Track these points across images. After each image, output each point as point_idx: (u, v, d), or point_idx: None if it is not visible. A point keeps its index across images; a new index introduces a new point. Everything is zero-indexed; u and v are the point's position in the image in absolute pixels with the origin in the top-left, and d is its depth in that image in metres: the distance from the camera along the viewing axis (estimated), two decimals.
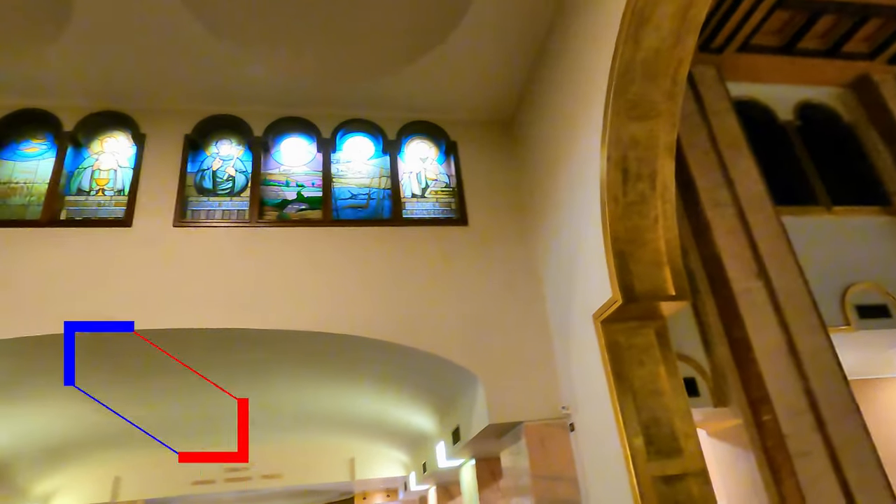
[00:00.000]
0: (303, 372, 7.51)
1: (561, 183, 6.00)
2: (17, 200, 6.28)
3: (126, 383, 7.29)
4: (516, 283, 6.60)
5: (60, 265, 5.80)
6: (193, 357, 6.62)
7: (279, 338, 6.09)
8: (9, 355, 5.77)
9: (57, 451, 9.42)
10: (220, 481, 11.76)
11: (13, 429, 7.91)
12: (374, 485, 13.61)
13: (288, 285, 6.08)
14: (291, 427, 10.56)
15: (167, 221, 6.24)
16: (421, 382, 7.31)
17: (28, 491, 10.15)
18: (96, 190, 6.50)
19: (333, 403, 8.88)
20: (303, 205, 6.81)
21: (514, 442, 6.21)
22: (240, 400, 8.41)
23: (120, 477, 11.49)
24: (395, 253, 6.52)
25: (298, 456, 12.05)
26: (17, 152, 6.61)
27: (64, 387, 7.05)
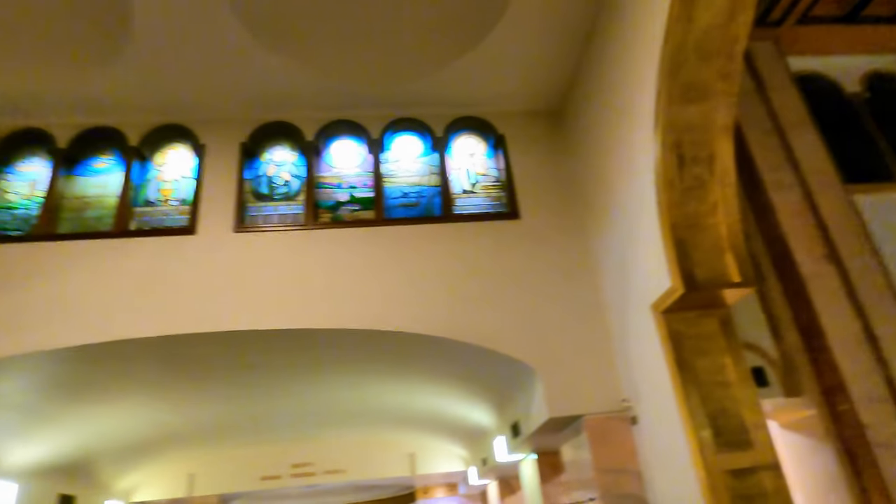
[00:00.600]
0: (362, 369, 7.66)
1: (614, 171, 5.88)
2: (91, 213, 6.66)
3: (196, 384, 7.62)
4: (571, 274, 6.52)
5: (132, 273, 6.12)
6: (257, 357, 6.86)
7: (337, 336, 6.23)
8: (89, 359, 6.13)
9: (135, 449, 9.96)
10: (286, 476, 12.13)
11: (95, 429, 8.41)
12: (434, 479, 13.74)
13: (344, 285, 6.21)
14: (353, 423, 10.78)
15: (228, 228, 6.48)
16: (478, 377, 7.33)
17: (111, 487, 10.77)
18: (162, 200, 6.82)
19: (393, 399, 9.02)
20: (356, 206, 6.94)
21: (575, 436, 6.14)
22: (302, 397, 8.66)
23: (194, 473, 12.03)
24: (448, 249, 6.56)
25: (360, 451, 12.30)
26: (89, 168, 7.00)
27: (139, 388, 7.45)
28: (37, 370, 6.15)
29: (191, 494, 11.98)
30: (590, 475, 5.75)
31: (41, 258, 6.15)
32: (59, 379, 6.52)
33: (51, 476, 8.89)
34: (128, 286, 6.04)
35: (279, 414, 9.56)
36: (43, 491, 8.77)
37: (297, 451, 12.09)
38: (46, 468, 8.63)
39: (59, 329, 5.76)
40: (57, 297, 5.91)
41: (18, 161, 6.96)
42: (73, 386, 6.82)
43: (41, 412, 7.21)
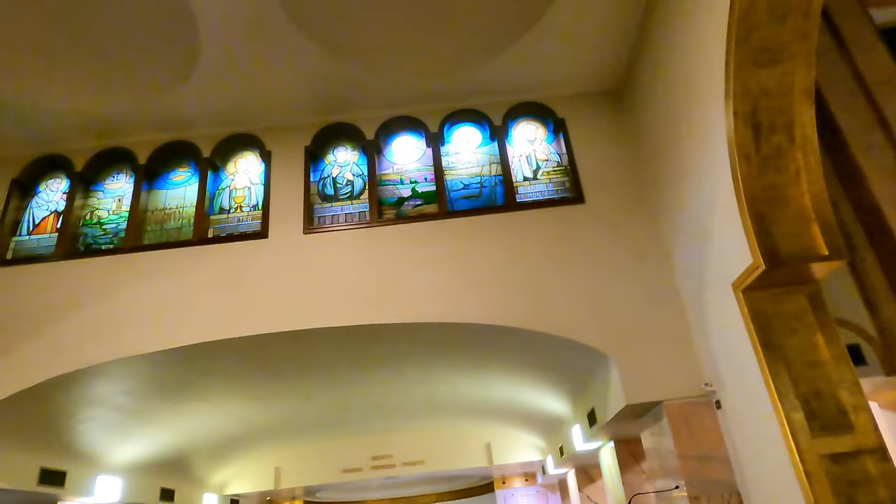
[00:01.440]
0: (435, 362, 7.74)
1: (684, 147, 5.63)
2: (172, 224, 7.05)
3: (277, 382, 7.94)
4: (642, 257, 6.31)
5: (212, 278, 6.43)
6: (333, 354, 7.06)
7: (409, 331, 6.31)
8: (179, 362, 6.51)
9: (226, 445, 10.51)
10: (367, 469, 12.47)
11: (189, 427, 8.94)
12: (511, 469, 13.73)
13: (413, 279, 6.27)
14: (430, 415, 10.93)
15: (297, 230, 6.69)
16: (552, 366, 7.24)
17: (206, 481, 11.43)
18: (235, 207, 7.13)
19: (468, 391, 9.06)
20: (418, 200, 7.00)
21: (655, 422, 5.96)
22: (380, 392, 8.85)
23: (280, 467, 12.57)
24: (513, 238, 6.50)
25: (438, 443, 12.46)
26: (168, 182, 7.41)
27: (227, 387, 7.84)
28: (134, 373, 6.59)
29: (278, 487, 12.54)
30: (673, 463, 5.56)
31: (131, 269, 6.57)
32: (155, 381, 6.96)
33: (152, 471, 9.53)
34: (209, 291, 6.35)
35: (358, 408, 9.82)
36: (146, 485, 9.42)
37: (377, 444, 12.39)
38: (148, 464, 9.26)
39: (149, 334, 6.14)
40: (146, 305, 6.30)
41: (106, 179, 7.45)
42: (167, 387, 7.27)
43: (140, 412, 7.73)
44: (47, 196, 7.38)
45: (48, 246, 6.94)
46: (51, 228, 7.11)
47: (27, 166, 7.34)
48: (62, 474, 7.45)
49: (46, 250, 6.89)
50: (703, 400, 5.59)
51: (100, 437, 7.83)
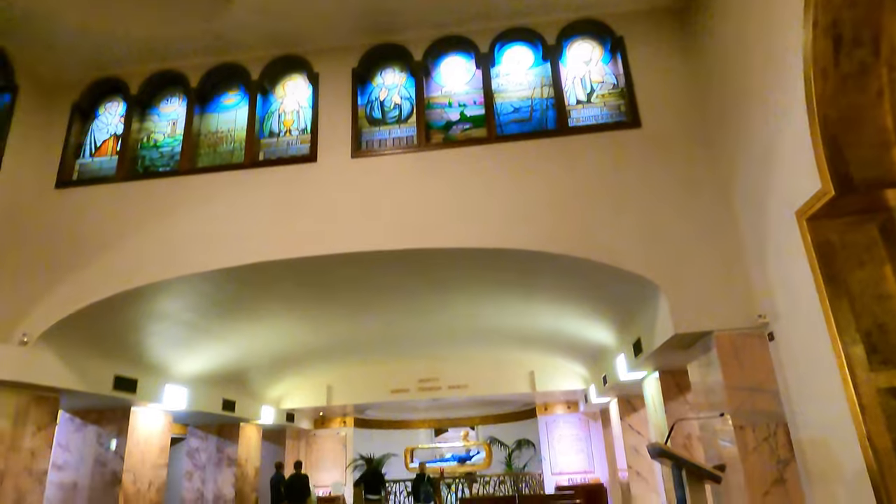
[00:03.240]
0: (482, 289, 7.80)
1: (753, 65, 5.23)
2: (225, 148, 7.17)
3: (328, 304, 8.21)
4: (699, 183, 6.04)
5: (263, 200, 6.57)
6: (382, 278, 7.19)
7: (456, 256, 6.34)
8: (236, 281, 6.78)
9: (282, 362, 11.09)
10: (414, 390, 13.00)
11: (247, 343, 9.43)
12: (554, 397, 14.03)
13: (460, 205, 6.23)
14: (475, 342, 11.17)
15: (345, 153, 6.69)
16: (598, 294, 7.19)
17: (263, 395, 12.18)
18: (284, 131, 7.16)
19: (514, 318, 9.16)
20: (467, 124, 6.84)
21: (703, 353, 5.89)
22: (427, 317, 9.05)
23: (332, 385, 13.24)
24: (564, 163, 6.31)
25: (482, 368, 12.80)
26: (219, 105, 7.47)
27: (282, 308, 8.16)
28: (195, 291, 6.92)
29: (330, 404, 13.26)
30: (720, 393, 5.52)
31: (186, 191, 6.77)
32: (214, 299, 7.30)
33: (215, 383, 10.20)
34: (261, 213, 6.50)
35: (406, 332, 10.10)
36: (209, 395, 10.11)
37: (424, 368, 12.83)
38: (211, 376, 9.89)
39: (207, 253, 6.39)
40: (203, 225, 6.52)
41: (160, 103, 7.58)
42: (226, 305, 7.63)
43: (203, 328, 8.18)
44: (106, 119, 7.58)
45: (110, 168, 7.20)
46: (111, 151, 7.35)
47: (86, 90, 7.53)
48: (134, 382, 8.06)
49: (108, 172, 7.16)
50: (756, 332, 5.46)
51: (167, 350, 8.37)
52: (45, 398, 6.91)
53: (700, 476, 4.27)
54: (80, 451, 8.35)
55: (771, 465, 5.12)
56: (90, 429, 8.45)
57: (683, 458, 4.29)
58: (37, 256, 6.66)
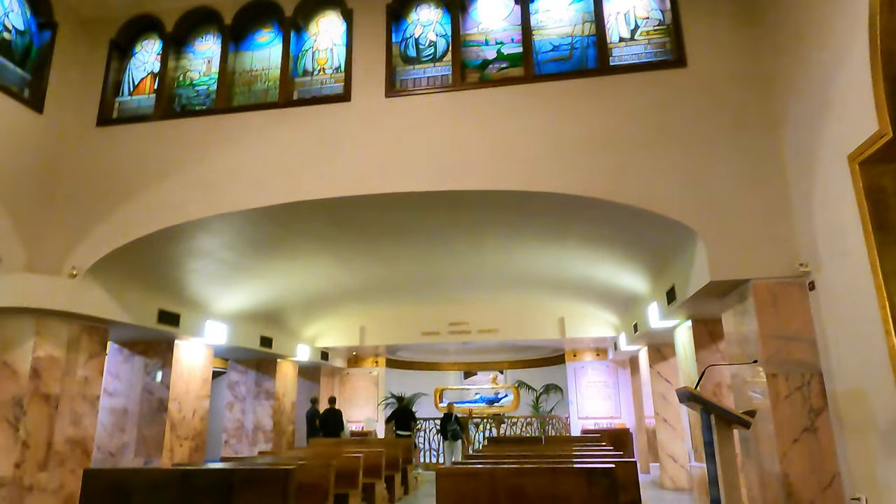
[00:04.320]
0: (514, 233, 7.77)
1: (810, 2, 4.90)
2: (259, 87, 7.15)
3: (361, 245, 8.30)
4: (745, 127, 5.79)
5: (297, 140, 6.58)
6: (414, 220, 7.21)
7: (489, 198, 6.28)
8: (272, 220, 6.89)
9: (317, 302, 11.38)
10: (444, 333, 13.24)
11: (284, 282, 9.68)
12: (583, 344, 14.13)
13: (494, 146, 6.13)
14: (506, 287, 11.23)
15: (379, 93, 6.60)
16: (633, 241, 7.08)
17: (300, 333, 12.58)
18: (318, 69, 7.08)
19: (546, 264, 9.13)
20: (503, 63, 6.64)
21: (739, 301, 5.80)
22: (459, 261, 9.10)
23: (364, 326, 13.58)
24: (603, 105, 6.12)
25: (512, 313, 12.92)
26: (253, 43, 7.41)
27: (317, 247, 8.30)
28: (232, 229, 7.07)
29: (362, 344, 13.64)
30: (754, 342, 5.46)
31: (222, 130, 6.82)
32: (251, 237, 7.46)
33: (253, 320, 10.56)
34: (296, 152, 6.53)
35: (438, 276, 10.20)
36: (247, 332, 10.49)
37: (454, 311, 13.02)
38: (249, 314, 10.23)
39: (241, 193, 6.48)
40: (239, 164, 6.60)
41: (195, 40, 7.55)
42: (262, 243, 7.79)
43: (240, 266, 8.41)
44: (143, 57, 7.61)
45: (148, 106, 7.28)
46: (149, 90, 7.41)
47: (123, 27, 7.54)
48: (177, 316, 8.40)
49: (147, 111, 7.25)
50: (796, 280, 5.33)
51: (207, 287, 8.66)
52: (94, 328, 7.27)
53: (729, 421, 4.28)
54: (129, 380, 8.83)
55: (802, 414, 5.09)
56: (137, 359, 8.90)
57: (713, 402, 4.30)
58: (82, 193, 6.87)
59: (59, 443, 6.68)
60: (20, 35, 6.85)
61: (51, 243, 6.70)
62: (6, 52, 6.64)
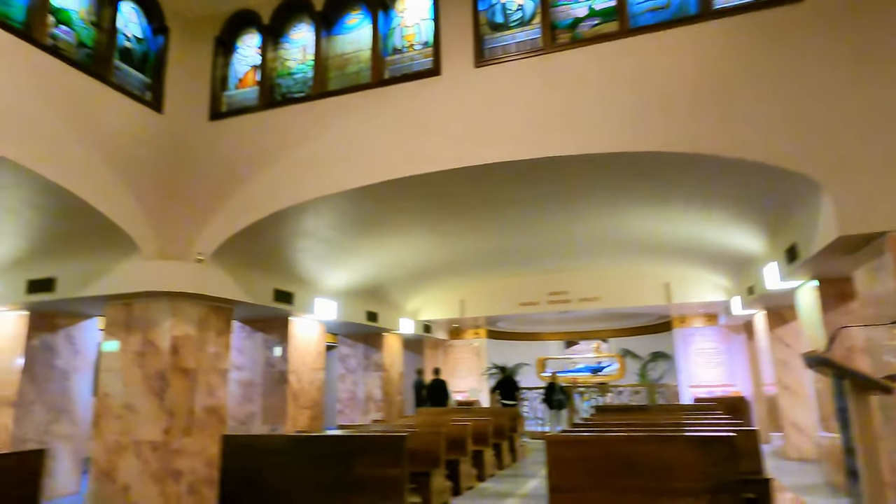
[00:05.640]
0: (613, 198, 7.50)
1: None
2: (352, 69, 7.34)
3: (458, 219, 8.38)
4: (872, 62, 5.16)
5: (391, 118, 6.71)
6: (511, 191, 7.15)
7: (587, 163, 6.09)
8: (371, 199, 7.10)
9: (417, 277, 11.68)
10: (543, 303, 13.14)
11: (385, 259, 10.02)
12: (691, 309, 13.49)
13: (591, 108, 5.91)
14: (607, 253, 10.93)
15: (469, 64, 6.56)
16: (744, 198, 6.61)
17: (402, 307, 13.00)
18: (407, 46, 7.14)
19: (649, 228, 8.76)
20: (595, 20, 6.35)
21: (873, 257, 5.26)
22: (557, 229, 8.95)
23: (464, 299, 13.78)
24: (707, 53, 5.70)
25: (614, 281, 12.56)
26: (343, 26, 7.59)
27: (415, 224, 8.50)
28: (334, 209, 7.38)
29: (463, 316, 13.87)
30: (893, 301, 4.94)
31: (320, 114, 7.09)
32: (351, 216, 7.76)
33: (359, 296, 11.04)
34: (389, 131, 6.66)
35: (536, 246, 10.11)
36: (354, 307, 10.99)
37: (554, 281, 12.87)
38: (355, 290, 10.71)
39: (340, 174, 6.73)
40: (337, 146, 6.84)
41: (290, 30, 7.86)
42: (362, 222, 8.08)
43: (343, 245, 8.79)
44: (245, 52, 8.04)
45: (252, 98, 7.71)
46: (252, 82, 7.83)
47: (225, 25, 7.98)
48: (290, 295, 8.96)
49: (251, 102, 7.68)
50: None
51: (315, 266, 9.14)
52: (220, 308, 7.92)
53: (867, 387, 3.93)
54: (252, 355, 9.58)
55: None
56: (258, 335, 9.62)
57: (848, 367, 3.96)
58: (200, 184, 7.44)
59: (198, 411, 7.40)
60: (139, 42, 7.46)
61: (177, 232, 7.33)
62: (128, 60, 7.26)
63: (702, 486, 4.55)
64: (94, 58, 6.78)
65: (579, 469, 4.96)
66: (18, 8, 5.99)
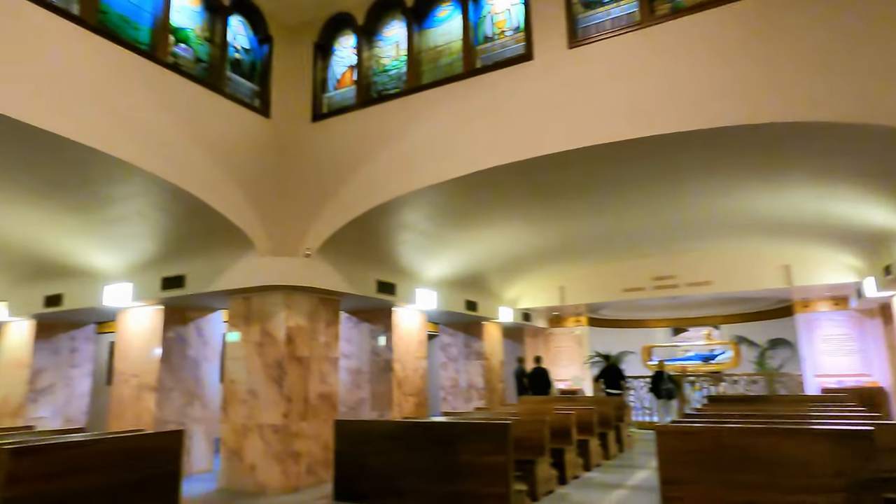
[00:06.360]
0: (724, 176, 7.05)
1: None
2: (444, 61, 7.41)
3: (556, 205, 8.23)
4: None
5: (483, 107, 6.70)
6: (611, 173, 6.93)
7: (695, 139, 5.75)
8: (465, 190, 7.15)
9: (515, 266, 11.64)
10: (649, 288, 12.61)
11: (482, 249, 10.06)
12: (816, 292, 12.36)
13: (695, 81, 5.57)
14: (719, 235, 10.30)
15: (562, 45, 6.40)
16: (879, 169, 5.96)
17: (501, 296, 13.01)
18: (498, 34, 7.09)
19: (765, 206, 8.13)
20: None
21: None
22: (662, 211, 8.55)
23: (564, 286, 13.54)
24: (829, 9, 5.16)
25: (727, 263, 11.80)
26: (434, 19, 7.67)
27: (511, 213, 8.46)
28: (430, 202, 7.51)
29: (563, 303, 13.63)
30: None
31: (415, 108, 7.24)
32: (446, 208, 7.86)
33: (458, 286, 11.19)
34: (482, 120, 6.66)
35: (638, 229, 9.73)
36: (454, 297, 11.15)
37: (659, 265, 12.32)
38: (453, 280, 10.86)
39: (435, 166, 6.83)
40: (432, 139, 6.95)
41: (383, 28, 8.07)
42: (458, 213, 8.17)
43: (441, 236, 8.93)
44: (341, 53, 8.36)
45: (350, 98, 8.00)
46: (349, 81, 8.13)
47: (322, 29, 8.33)
48: (392, 285, 9.25)
49: (349, 101, 7.98)
50: None
51: (415, 257, 9.37)
52: (328, 300, 8.35)
53: None
54: (359, 344, 10.01)
55: None
56: (364, 326, 10.03)
57: None
58: (307, 183, 7.85)
59: (313, 397, 7.87)
60: (246, 53, 7.97)
61: (287, 229, 7.79)
62: (238, 70, 7.79)
63: (836, 484, 4.21)
64: (209, 70, 7.33)
65: (692, 461, 4.75)
66: (145, 31, 6.61)
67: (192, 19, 7.24)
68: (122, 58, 6.12)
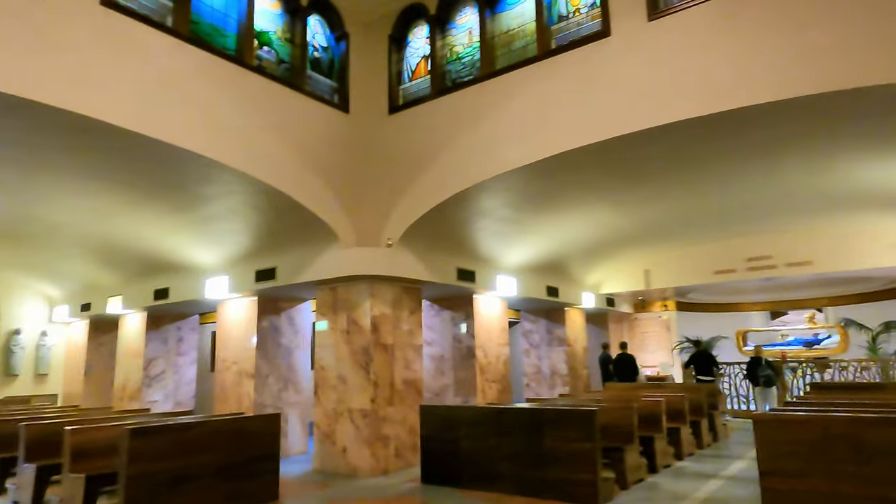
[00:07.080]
0: (822, 146, 6.52)
1: None
2: (518, 44, 7.30)
3: (639, 186, 7.93)
4: None
5: (562, 88, 6.55)
6: (697, 149, 6.60)
7: (784, 109, 5.37)
8: (544, 174, 7.04)
9: (597, 250, 11.35)
10: (741, 270, 11.93)
11: (563, 234, 9.88)
12: None
13: (782, 48, 5.18)
14: (820, 211, 9.57)
15: (641, 18, 6.13)
16: None
17: (582, 281, 12.76)
18: (573, 12, 6.90)
19: (869, 178, 7.45)
20: None
21: None
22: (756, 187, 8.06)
23: (649, 269, 13.07)
24: None
25: (829, 241, 10.95)
26: (506, 2, 7.58)
27: (592, 196, 8.26)
28: (508, 188, 7.45)
29: (648, 288, 13.17)
30: None
31: (490, 94, 7.19)
32: (525, 193, 7.77)
33: (538, 272, 11.08)
34: (559, 102, 6.52)
35: (727, 208, 9.22)
36: (535, 283, 11.06)
37: (753, 245, 11.63)
38: (534, 266, 10.76)
39: (512, 151, 6.76)
40: (508, 124, 6.89)
41: (455, 15, 8.06)
42: (537, 198, 8.06)
43: (520, 222, 8.86)
44: (415, 45, 8.44)
45: (425, 88, 8.07)
46: (423, 72, 8.20)
47: (396, 21, 8.44)
48: (472, 273, 9.30)
49: (424, 92, 8.05)
50: None
51: (494, 244, 9.36)
52: (411, 289, 8.52)
53: None
54: (441, 331, 10.16)
55: None
56: (445, 313, 10.16)
57: None
58: (386, 174, 8.02)
59: (398, 383, 8.09)
60: (325, 51, 8.22)
61: (369, 220, 8.01)
62: (318, 68, 8.05)
63: None
64: (291, 70, 7.63)
65: (797, 452, 4.48)
66: (231, 37, 6.97)
67: (274, 22, 7.55)
68: (212, 64, 6.48)
